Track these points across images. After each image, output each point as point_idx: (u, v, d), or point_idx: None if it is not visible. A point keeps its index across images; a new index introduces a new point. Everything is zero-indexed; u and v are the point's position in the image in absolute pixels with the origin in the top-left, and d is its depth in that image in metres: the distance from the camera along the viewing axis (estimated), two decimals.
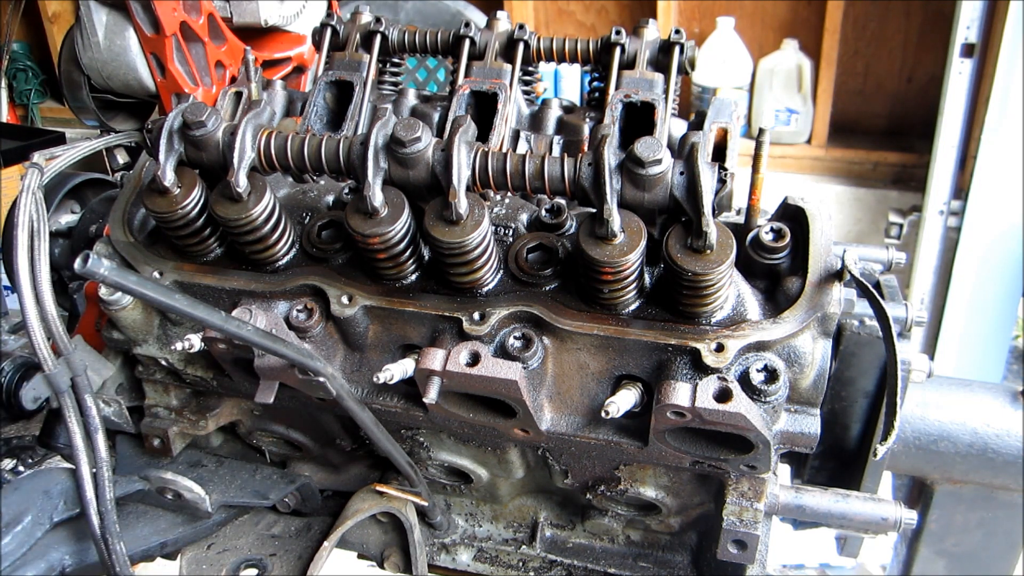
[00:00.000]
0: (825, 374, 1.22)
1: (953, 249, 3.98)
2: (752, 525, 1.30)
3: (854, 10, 4.57)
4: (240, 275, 1.32)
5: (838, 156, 4.80)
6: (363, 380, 1.33)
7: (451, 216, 1.13)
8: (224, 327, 1.08)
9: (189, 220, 1.27)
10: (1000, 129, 3.65)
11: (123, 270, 0.93)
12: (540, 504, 1.68)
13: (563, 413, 1.28)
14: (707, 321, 1.18)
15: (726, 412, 1.09)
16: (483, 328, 1.20)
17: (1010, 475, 1.60)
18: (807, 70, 4.68)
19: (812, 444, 1.23)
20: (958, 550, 1.80)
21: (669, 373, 1.18)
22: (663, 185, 1.11)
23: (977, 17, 3.75)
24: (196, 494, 1.52)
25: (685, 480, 1.44)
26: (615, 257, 1.10)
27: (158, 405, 1.56)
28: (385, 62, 1.57)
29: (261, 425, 1.62)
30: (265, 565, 1.64)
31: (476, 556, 1.70)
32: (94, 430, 1.34)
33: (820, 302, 1.18)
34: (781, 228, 1.22)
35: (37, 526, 1.36)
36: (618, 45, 1.41)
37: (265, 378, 1.27)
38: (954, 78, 3.86)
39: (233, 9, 2.33)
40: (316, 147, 1.19)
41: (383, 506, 1.58)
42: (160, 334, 1.41)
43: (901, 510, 1.38)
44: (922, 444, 1.61)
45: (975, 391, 1.65)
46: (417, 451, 1.52)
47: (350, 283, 1.28)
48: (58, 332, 1.29)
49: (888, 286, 1.54)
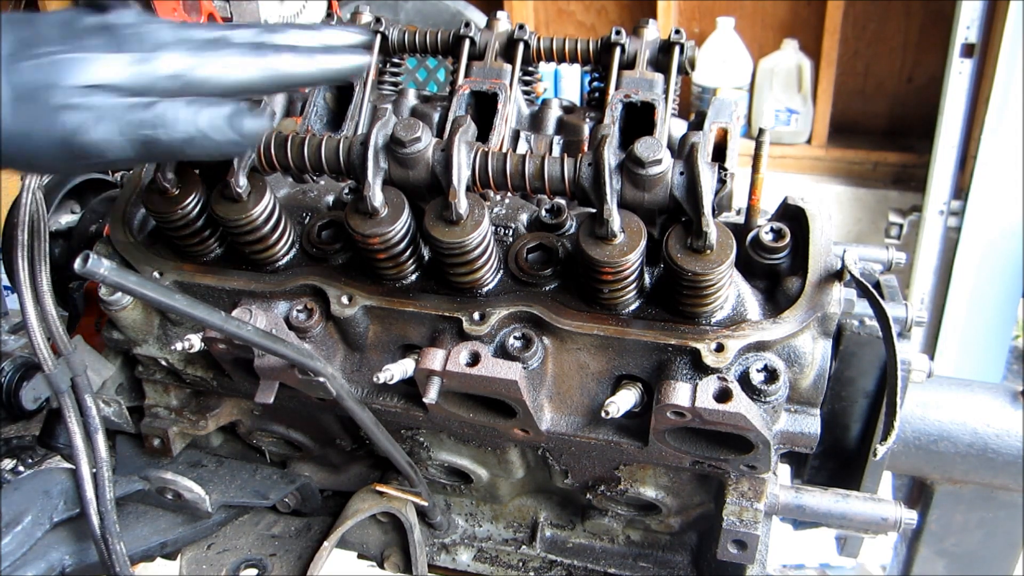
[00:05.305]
0: (825, 374, 1.22)
1: (953, 249, 3.98)
2: (752, 525, 1.30)
3: (854, 10, 4.57)
4: (240, 275, 1.32)
5: (838, 156, 4.80)
6: (363, 380, 1.33)
7: (451, 216, 1.13)
8: (224, 327, 1.08)
9: (189, 220, 1.27)
10: (1000, 129, 3.65)
11: (123, 270, 0.93)
12: (540, 504, 1.68)
13: (563, 413, 1.28)
14: (707, 321, 1.18)
15: (726, 412, 1.09)
16: (483, 328, 1.20)
17: (1010, 475, 1.60)
18: (807, 70, 4.68)
19: (812, 444, 1.23)
20: (958, 550, 1.80)
21: (669, 373, 1.18)
22: (663, 185, 1.11)
23: (977, 17, 3.75)
24: (196, 494, 1.52)
25: (685, 480, 1.44)
26: (615, 257, 1.10)
27: (158, 405, 1.56)
28: (385, 62, 1.57)
29: (261, 425, 1.62)
30: (265, 565, 1.64)
31: (476, 556, 1.70)
32: (94, 430, 1.34)
33: (820, 302, 1.18)
34: (781, 228, 1.22)
35: (37, 526, 1.36)
36: (618, 45, 1.41)
37: (265, 378, 1.27)
38: (954, 78, 3.86)
39: (233, 9, 2.33)
40: (316, 147, 1.19)
41: (383, 506, 1.58)
42: (160, 334, 1.41)
43: (901, 510, 1.38)
44: (922, 444, 1.61)
45: (975, 391, 1.65)
46: (417, 451, 1.52)
47: (350, 283, 1.28)
48: (58, 332, 1.29)
49: (888, 286, 1.54)
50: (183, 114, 0.96)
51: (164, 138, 0.96)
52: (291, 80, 1.05)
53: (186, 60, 0.98)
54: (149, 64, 0.97)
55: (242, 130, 0.99)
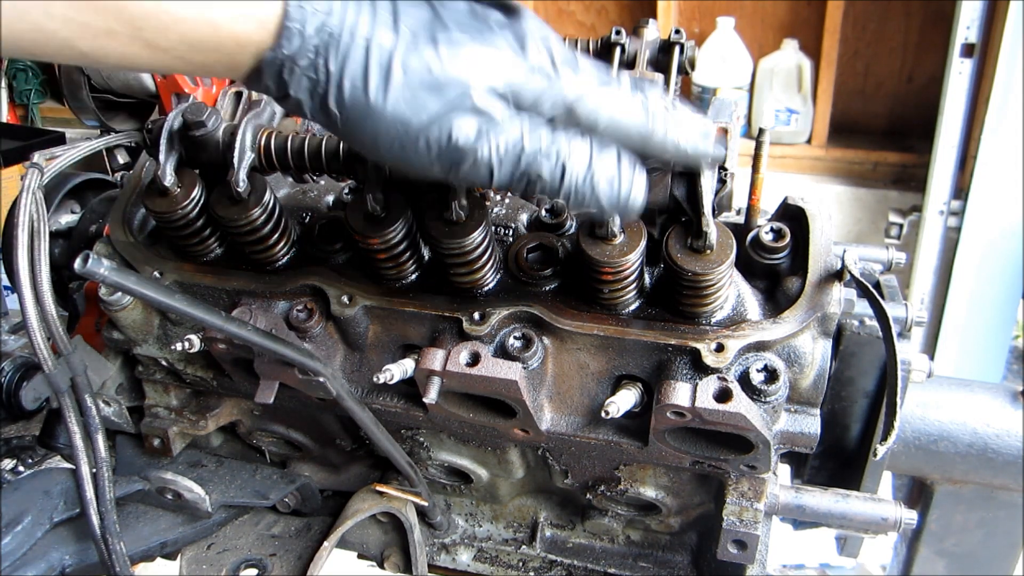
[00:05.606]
0: (825, 374, 1.22)
1: (953, 249, 3.98)
2: (752, 525, 1.30)
3: (854, 10, 4.57)
4: (240, 275, 1.32)
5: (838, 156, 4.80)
6: (363, 380, 1.33)
7: (451, 216, 1.13)
8: (224, 327, 1.08)
9: (189, 220, 1.27)
10: (1000, 129, 3.65)
11: (123, 270, 0.93)
12: (540, 504, 1.68)
13: (563, 413, 1.28)
14: (707, 321, 1.18)
15: (726, 412, 1.09)
16: (483, 328, 1.20)
17: (1010, 475, 1.60)
18: (807, 70, 4.67)
19: (812, 444, 1.23)
20: (958, 550, 1.80)
21: (669, 373, 1.18)
22: (663, 185, 1.11)
23: (977, 17, 3.74)
24: (196, 494, 1.52)
25: (685, 480, 1.44)
26: (615, 257, 1.10)
27: (158, 405, 1.56)
28: None
29: (261, 425, 1.62)
30: (265, 565, 1.64)
31: (476, 556, 1.70)
32: (94, 430, 1.34)
33: (820, 302, 1.18)
34: (781, 228, 1.22)
35: (37, 526, 1.36)
36: (618, 45, 1.41)
37: (265, 378, 1.27)
38: (954, 78, 3.86)
39: None
40: (316, 147, 1.19)
41: (383, 506, 1.58)
42: (160, 334, 1.41)
43: (901, 510, 1.38)
44: (922, 444, 1.61)
45: (975, 391, 1.65)
46: (417, 451, 1.52)
47: (350, 283, 1.28)
48: (58, 332, 1.29)
49: (888, 286, 1.54)
50: (579, 161, 0.84)
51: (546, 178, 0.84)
52: (666, 151, 0.93)
53: (588, 89, 0.86)
54: (554, 82, 0.85)
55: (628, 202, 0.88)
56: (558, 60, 0.86)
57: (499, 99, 0.83)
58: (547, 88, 0.85)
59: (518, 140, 0.83)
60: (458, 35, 0.82)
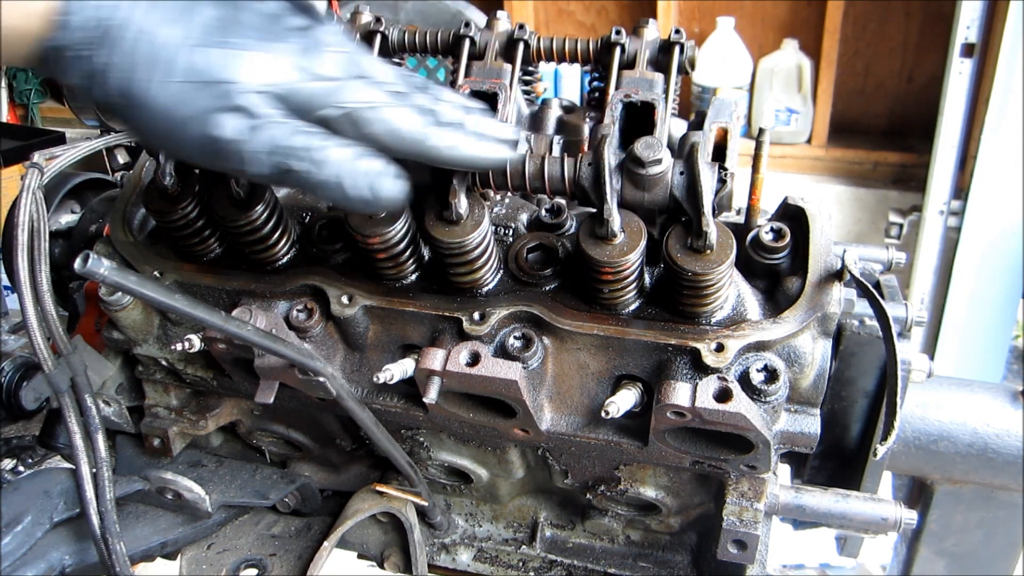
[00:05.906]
0: (825, 374, 1.22)
1: (953, 249, 3.98)
2: (752, 525, 1.30)
3: (854, 10, 4.57)
4: (240, 275, 1.32)
5: (838, 156, 4.80)
6: (363, 380, 1.33)
7: (451, 216, 1.13)
8: (224, 327, 1.08)
9: (189, 220, 1.27)
10: (1000, 129, 3.65)
11: (123, 270, 0.93)
12: (540, 504, 1.68)
13: (563, 413, 1.28)
14: (707, 321, 1.18)
15: (726, 412, 1.09)
16: (483, 328, 1.20)
17: (1010, 475, 1.60)
18: (807, 70, 4.68)
19: (812, 444, 1.23)
20: (958, 550, 1.80)
21: (669, 373, 1.18)
22: (663, 185, 1.11)
23: (977, 17, 3.75)
24: (196, 494, 1.52)
25: (685, 480, 1.44)
26: (615, 257, 1.10)
27: (158, 405, 1.56)
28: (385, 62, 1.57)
29: (261, 425, 1.62)
30: (265, 565, 1.64)
31: (476, 556, 1.70)
32: (94, 430, 1.34)
33: (820, 302, 1.18)
34: (781, 228, 1.22)
35: (37, 526, 1.36)
36: (618, 45, 1.41)
37: (265, 378, 1.27)
38: (954, 78, 3.86)
39: None
40: None
41: (383, 506, 1.58)
42: (160, 334, 1.42)
43: (901, 510, 1.38)
44: (922, 444, 1.61)
45: (975, 391, 1.65)
46: (417, 451, 1.52)
47: (350, 283, 1.28)
48: (58, 332, 1.28)
49: (888, 286, 1.54)
50: (334, 156, 0.90)
51: (303, 174, 0.90)
52: (441, 158, 0.99)
53: (368, 97, 0.93)
54: (333, 90, 0.91)
55: (380, 193, 0.94)
56: (349, 71, 0.93)
57: (267, 100, 0.89)
58: (325, 95, 0.91)
59: (275, 139, 0.89)
60: (242, 38, 0.89)
